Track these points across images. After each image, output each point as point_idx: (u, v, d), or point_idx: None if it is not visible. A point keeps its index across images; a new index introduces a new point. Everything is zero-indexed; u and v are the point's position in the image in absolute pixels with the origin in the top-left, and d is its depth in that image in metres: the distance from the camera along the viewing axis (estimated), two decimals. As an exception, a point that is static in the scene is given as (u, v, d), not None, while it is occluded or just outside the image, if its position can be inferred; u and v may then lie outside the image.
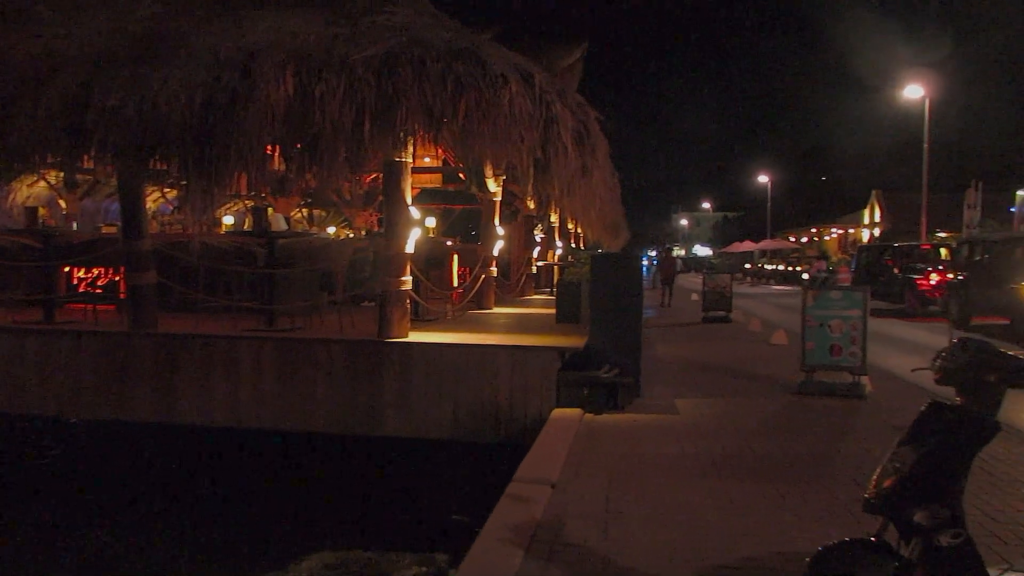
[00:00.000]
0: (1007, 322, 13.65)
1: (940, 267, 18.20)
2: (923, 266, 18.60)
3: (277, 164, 10.21)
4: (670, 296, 21.58)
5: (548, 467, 5.34)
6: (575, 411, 7.16)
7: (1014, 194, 29.71)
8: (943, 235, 31.67)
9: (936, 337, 13.61)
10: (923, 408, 2.52)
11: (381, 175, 10.38)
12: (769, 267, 45.44)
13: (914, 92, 27.95)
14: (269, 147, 7.91)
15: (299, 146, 7.02)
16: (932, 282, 17.22)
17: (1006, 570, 3.30)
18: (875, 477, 2.49)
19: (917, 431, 2.45)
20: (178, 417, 8.13)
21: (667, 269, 22.72)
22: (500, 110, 6.68)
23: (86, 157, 7.93)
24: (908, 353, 11.33)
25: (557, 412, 7.18)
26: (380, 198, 20.24)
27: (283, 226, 15.25)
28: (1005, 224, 27.16)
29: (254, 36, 7.22)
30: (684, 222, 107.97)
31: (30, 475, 8.60)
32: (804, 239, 57.98)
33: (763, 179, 59.68)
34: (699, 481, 5.03)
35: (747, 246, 57.16)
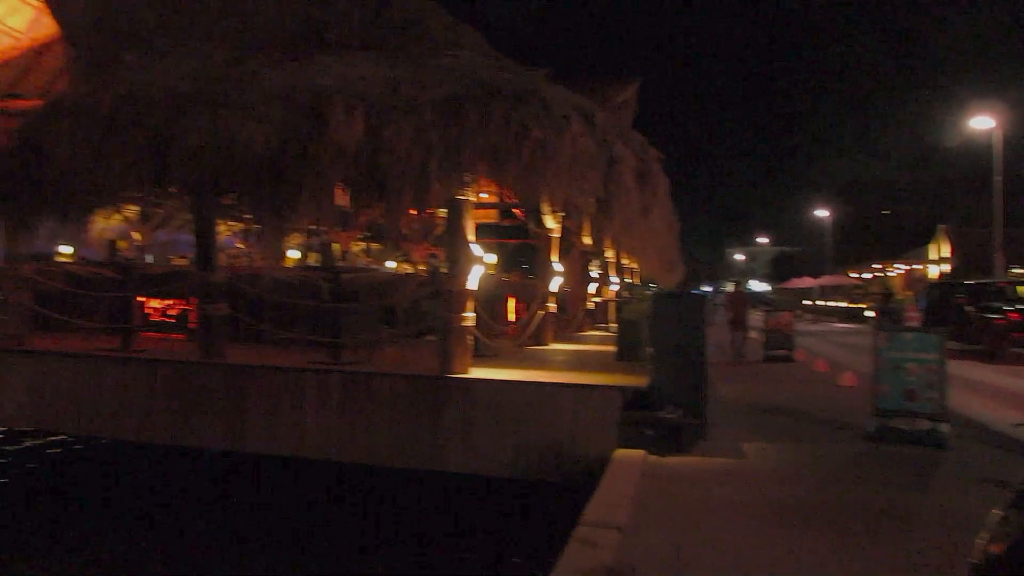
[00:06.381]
0: None
1: (1019, 306, 17.35)
2: (1002, 305, 17.72)
3: (340, 200, 10.46)
4: (743, 342, 16.74)
5: (615, 510, 5.24)
6: (638, 452, 7.02)
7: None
8: (1020, 271, 30.32)
9: (1020, 382, 12.97)
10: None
11: (437, 210, 10.52)
12: (821, 302, 44.15)
13: (983, 123, 27.07)
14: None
15: (369, 186, 7.18)
16: (1012, 322, 16.40)
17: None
18: (981, 541, 2.36)
19: (1028, 494, 2.31)
20: (246, 445, 8.29)
21: (739, 308, 17.18)
22: (563, 151, 6.73)
23: (165, 192, 8.28)
24: (990, 399, 10.83)
25: (620, 453, 7.06)
26: (437, 231, 20.59)
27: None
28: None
29: (323, 79, 7.46)
30: (739, 257, 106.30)
31: (105, 496, 8.88)
32: (867, 275, 56.37)
33: (822, 213, 58.48)
34: (774, 531, 4.86)
35: (806, 282, 55.89)
